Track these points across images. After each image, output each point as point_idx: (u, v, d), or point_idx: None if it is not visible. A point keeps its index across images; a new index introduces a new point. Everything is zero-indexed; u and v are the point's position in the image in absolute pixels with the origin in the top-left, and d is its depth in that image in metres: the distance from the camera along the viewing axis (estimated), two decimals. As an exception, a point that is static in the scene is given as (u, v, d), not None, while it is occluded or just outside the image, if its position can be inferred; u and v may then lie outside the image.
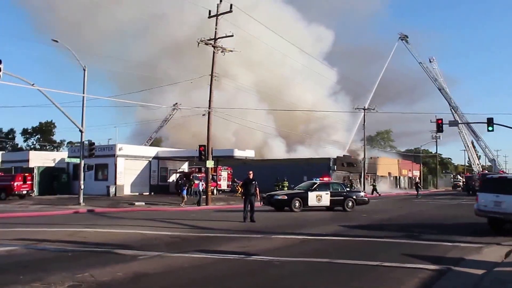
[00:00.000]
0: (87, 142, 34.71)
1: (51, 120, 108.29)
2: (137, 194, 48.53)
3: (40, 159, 55.68)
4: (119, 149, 49.11)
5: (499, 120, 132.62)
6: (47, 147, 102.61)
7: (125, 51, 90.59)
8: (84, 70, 33.31)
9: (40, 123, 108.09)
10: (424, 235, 17.65)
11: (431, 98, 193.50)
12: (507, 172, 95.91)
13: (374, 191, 59.00)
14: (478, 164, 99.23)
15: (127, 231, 18.33)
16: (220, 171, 54.32)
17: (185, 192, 35.67)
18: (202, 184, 36.71)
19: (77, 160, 35.69)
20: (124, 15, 74.64)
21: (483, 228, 20.35)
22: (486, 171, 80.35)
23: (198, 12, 47.01)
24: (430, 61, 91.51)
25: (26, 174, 43.53)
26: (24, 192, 41.78)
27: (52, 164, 54.82)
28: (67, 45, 33.54)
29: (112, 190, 45.33)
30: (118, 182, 47.38)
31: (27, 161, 54.91)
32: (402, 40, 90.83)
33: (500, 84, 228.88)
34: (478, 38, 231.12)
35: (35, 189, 45.79)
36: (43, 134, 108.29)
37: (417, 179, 79.45)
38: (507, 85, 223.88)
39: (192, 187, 44.65)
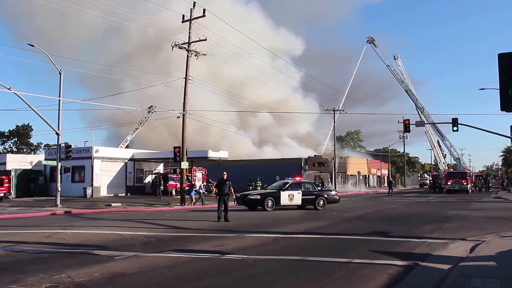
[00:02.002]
0: (63, 145, 34.22)
1: (28, 123, 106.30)
2: (114, 195, 48.08)
3: (17, 162, 54.68)
4: (96, 151, 48.60)
5: (464, 120, 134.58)
6: (24, 150, 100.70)
7: (101, 55, 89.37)
8: (60, 73, 32.86)
9: (17, 126, 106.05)
10: (392, 232, 17.81)
11: (399, 99, 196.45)
12: (470, 170, 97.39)
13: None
14: (444, 163, 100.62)
15: (103, 232, 18.11)
16: (194, 172, 54.15)
17: (193, 193, 36.11)
18: (204, 186, 37.05)
19: (54, 163, 35.22)
20: (98, 19, 73.80)
21: (450, 225, 20.71)
22: (452, 170, 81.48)
23: (171, 16, 46.70)
24: (395, 58, 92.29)
25: (3, 177, 42.76)
26: (1, 194, 41.11)
27: (29, 167, 53.93)
28: (42, 50, 33.03)
29: (89, 191, 44.86)
30: (94, 184, 46.88)
31: (4, 164, 53.86)
32: (370, 43, 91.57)
33: (464, 86, 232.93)
34: (445, 42, 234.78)
35: (12, 191, 45.05)
36: (20, 137, 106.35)
37: (390, 178, 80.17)
38: (471, 87, 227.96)
39: (166, 187, 44.69)
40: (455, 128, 37.09)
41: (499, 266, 10.80)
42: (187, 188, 38.01)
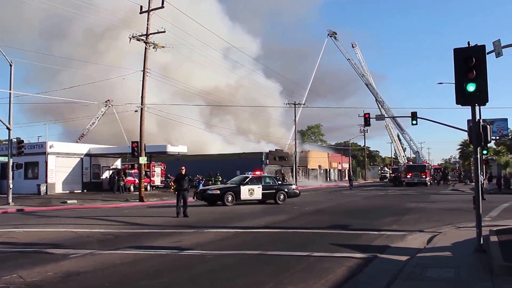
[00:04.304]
0: (15, 140, 33.38)
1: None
2: (69, 192, 47.17)
3: (-35, 158, 53.02)
4: (50, 147, 47.48)
5: (423, 114, 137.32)
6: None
7: (55, 47, 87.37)
8: (11, 65, 32.01)
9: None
10: (352, 225, 18.11)
11: (360, 94, 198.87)
12: (429, 163, 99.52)
13: None
14: (403, 156, 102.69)
15: (58, 229, 17.76)
16: (153, 167, 53.72)
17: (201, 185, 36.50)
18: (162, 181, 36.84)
19: (5, 159, 34.25)
20: (50, 9, 72.05)
21: (408, 217, 21.17)
22: (411, 163, 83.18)
23: (127, 5, 45.98)
24: (353, 47, 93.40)
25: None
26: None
27: (-22, 163, 52.41)
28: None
29: (43, 188, 43.83)
30: (49, 180, 45.81)
31: (-49, 160, 52.14)
32: (331, 36, 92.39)
33: (424, 80, 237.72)
34: (405, 36, 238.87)
35: (-40, 189, 43.72)
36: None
37: (350, 172, 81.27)
38: (430, 82, 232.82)
39: (125, 183, 44.26)
40: (414, 122, 37.81)
41: (454, 256, 11.14)
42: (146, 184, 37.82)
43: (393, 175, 78.45)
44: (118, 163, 56.37)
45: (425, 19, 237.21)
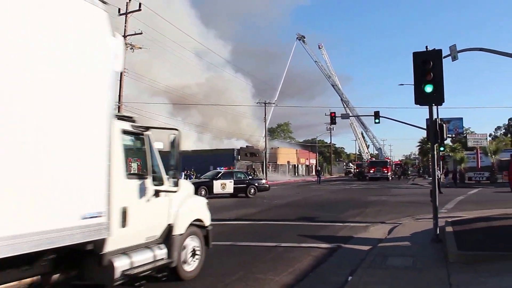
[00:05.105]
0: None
1: None
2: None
3: None
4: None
5: (386, 113, 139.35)
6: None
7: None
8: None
9: None
10: (319, 217, 18.31)
11: (326, 94, 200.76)
12: (391, 159, 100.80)
13: None
14: (367, 153, 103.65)
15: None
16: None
17: None
18: None
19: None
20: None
21: (371, 209, 21.45)
22: (374, 159, 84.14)
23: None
24: (319, 48, 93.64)
25: None
26: None
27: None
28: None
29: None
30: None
31: None
32: (299, 40, 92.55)
33: (387, 81, 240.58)
34: (369, 38, 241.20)
35: None
36: None
37: (318, 167, 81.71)
38: (391, 82, 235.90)
39: None
40: (377, 121, 38.38)
41: (412, 246, 11.36)
42: None
43: (357, 170, 79.23)
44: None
45: (392, 19, 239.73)
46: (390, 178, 66.59)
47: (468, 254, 9.23)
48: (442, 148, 40.89)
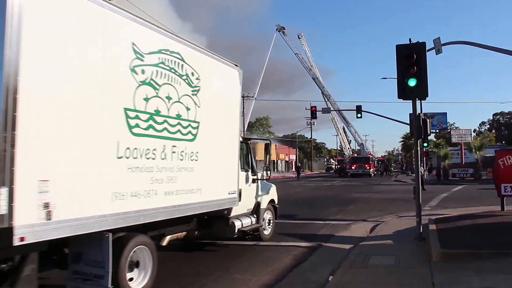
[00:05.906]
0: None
1: None
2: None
3: None
4: None
5: (368, 107, 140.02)
6: None
7: None
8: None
9: None
10: (299, 215, 18.35)
11: (307, 87, 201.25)
12: (373, 154, 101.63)
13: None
14: (348, 148, 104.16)
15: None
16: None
17: None
18: None
19: None
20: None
21: (353, 207, 21.57)
22: (356, 155, 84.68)
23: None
24: (299, 38, 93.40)
25: None
26: None
27: None
28: None
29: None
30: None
31: None
32: (279, 31, 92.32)
33: (369, 75, 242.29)
34: (353, 31, 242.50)
35: None
36: None
37: (298, 163, 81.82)
38: (374, 77, 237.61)
39: None
40: (358, 115, 38.54)
41: (395, 244, 11.45)
42: None
43: (338, 166, 79.76)
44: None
45: (378, 12, 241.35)
46: (373, 174, 67.14)
47: (452, 253, 9.34)
48: (425, 144, 41.34)
